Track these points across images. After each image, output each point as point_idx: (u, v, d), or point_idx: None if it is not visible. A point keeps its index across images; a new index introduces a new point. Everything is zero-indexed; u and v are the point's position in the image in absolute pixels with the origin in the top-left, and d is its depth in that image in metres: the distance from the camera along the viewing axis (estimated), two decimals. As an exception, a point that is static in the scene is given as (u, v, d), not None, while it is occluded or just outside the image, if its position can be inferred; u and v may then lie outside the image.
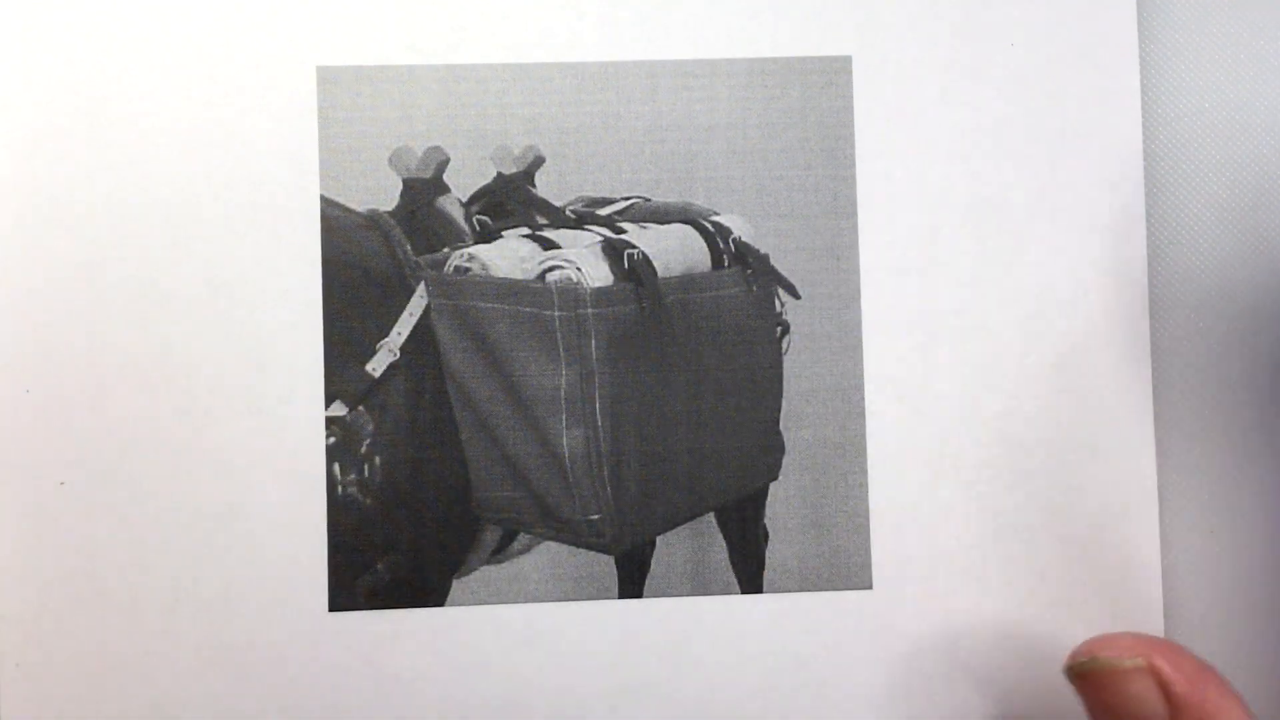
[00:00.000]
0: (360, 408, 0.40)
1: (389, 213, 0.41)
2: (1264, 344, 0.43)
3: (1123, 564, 0.41)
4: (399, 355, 0.40)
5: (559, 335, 0.40)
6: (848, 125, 0.42)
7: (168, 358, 0.40)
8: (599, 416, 0.40)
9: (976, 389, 0.41)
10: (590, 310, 0.40)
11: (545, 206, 0.41)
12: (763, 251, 0.42)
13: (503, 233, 0.41)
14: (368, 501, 0.40)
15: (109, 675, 0.39)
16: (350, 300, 0.40)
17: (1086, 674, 0.35)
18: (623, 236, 0.41)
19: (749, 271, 0.42)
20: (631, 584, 0.41)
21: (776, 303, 0.42)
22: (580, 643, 0.40)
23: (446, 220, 0.41)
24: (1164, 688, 0.34)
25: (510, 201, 0.41)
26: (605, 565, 0.41)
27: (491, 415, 0.40)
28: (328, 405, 0.40)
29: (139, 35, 0.40)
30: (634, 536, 0.41)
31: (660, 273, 0.41)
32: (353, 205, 0.41)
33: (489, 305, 0.40)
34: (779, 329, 0.42)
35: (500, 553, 0.41)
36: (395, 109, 0.41)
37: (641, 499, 0.40)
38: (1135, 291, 0.42)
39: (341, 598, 0.40)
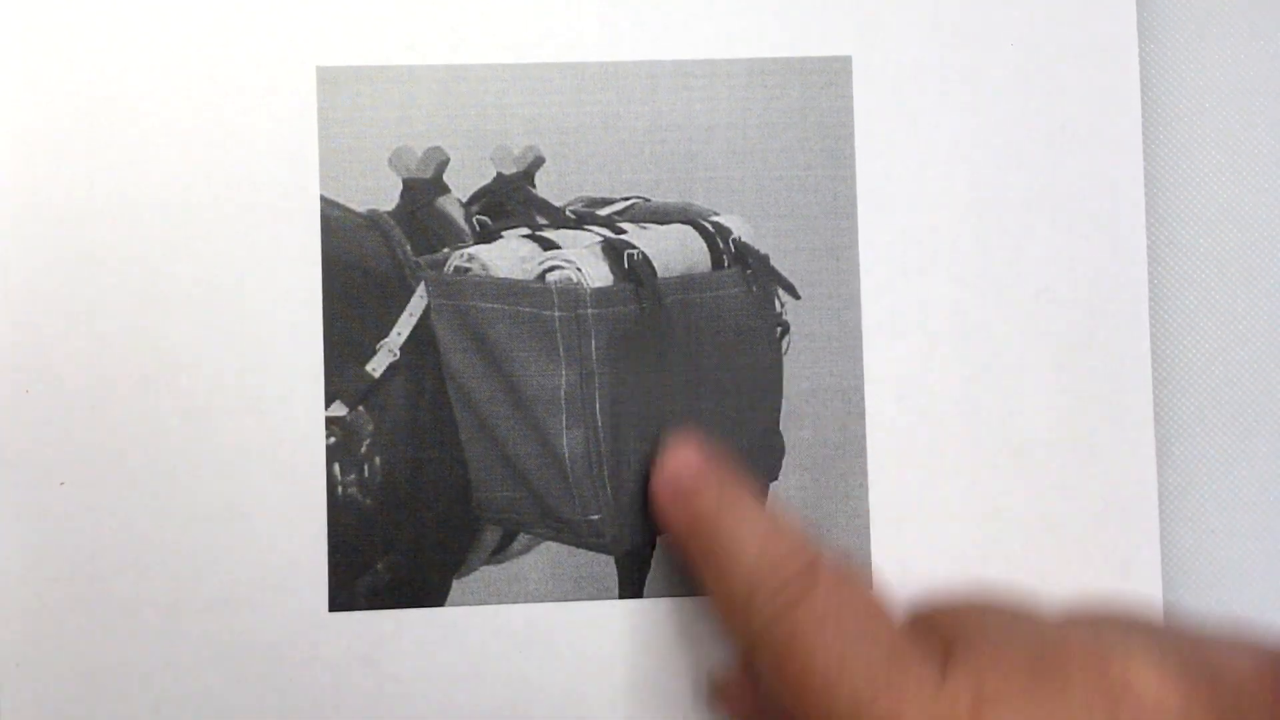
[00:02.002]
0: (360, 408, 0.40)
1: (389, 213, 0.41)
2: (1264, 344, 0.43)
3: (1123, 564, 0.41)
4: (399, 355, 0.40)
5: (559, 335, 0.40)
6: (848, 125, 0.42)
7: (168, 358, 0.40)
8: (599, 416, 0.40)
9: (976, 389, 0.41)
10: (590, 310, 0.40)
11: (545, 207, 0.41)
12: (763, 251, 0.42)
13: (503, 233, 0.41)
14: (368, 501, 0.40)
15: (109, 675, 0.39)
16: (350, 300, 0.40)
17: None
18: (623, 237, 0.41)
19: (749, 272, 0.42)
20: (631, 584, 0.41)
21: (776, 303, 0.42)
22: (580, 643, 0.40)
23: (446, 220, 0.41)
24: None
25: (510, 202, 0.41)
26: (605, 565, 0.41)
27: (491, 415, 0.40)
28: (328, 405, 0.40)
29: (139, 35, 0.40)
30: (634, 536, 0.41)
31: (660, 273, 0.41)
32: (353, 205, 0.41)
33: (489, 305, 0.40)
34: (779, 329, 0.42)
35: (500, 553, 0.41)
36: (395, 109, 0.41)
37: (642, 499, 0.40)
38: (1135, 291, 0.42)
39: (341, 598, 0.40)
